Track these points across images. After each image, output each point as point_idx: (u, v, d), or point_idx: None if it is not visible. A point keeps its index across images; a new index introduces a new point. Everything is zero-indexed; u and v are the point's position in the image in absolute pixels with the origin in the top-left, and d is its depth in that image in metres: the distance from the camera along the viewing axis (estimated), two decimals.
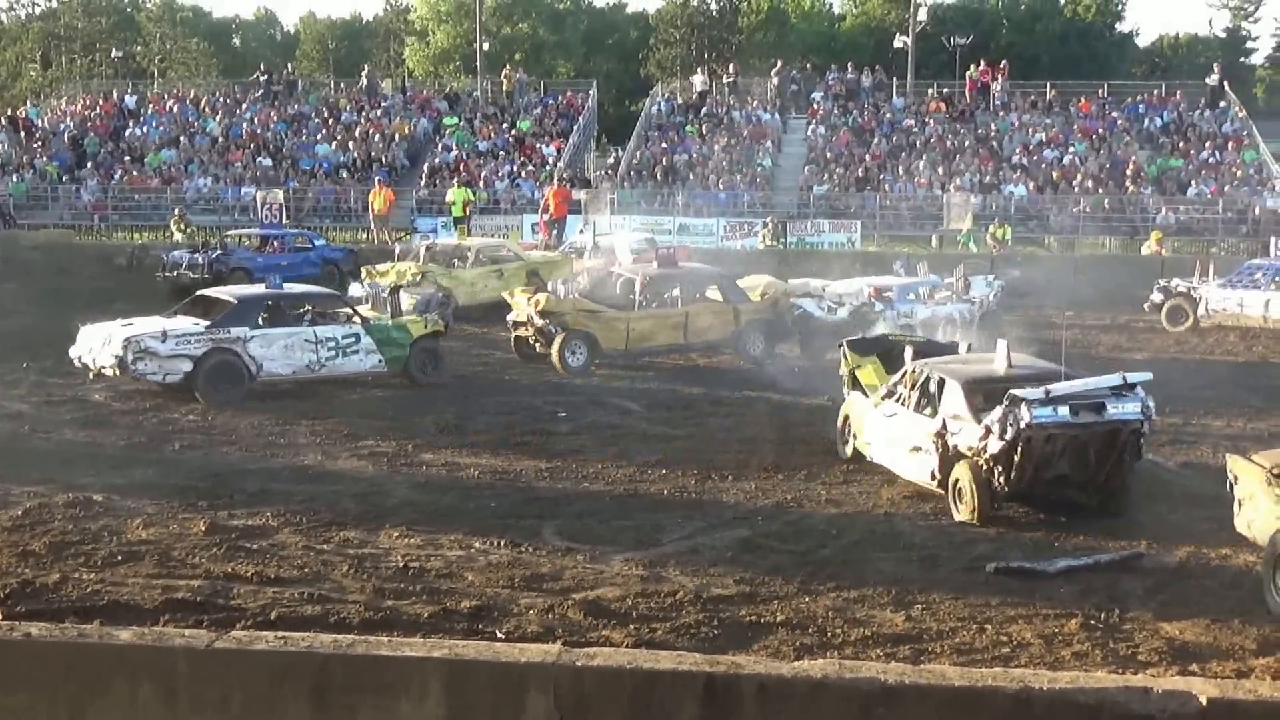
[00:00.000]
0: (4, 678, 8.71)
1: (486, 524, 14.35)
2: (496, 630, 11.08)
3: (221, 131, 52.80)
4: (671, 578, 12.61)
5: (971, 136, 49.41)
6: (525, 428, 19.26)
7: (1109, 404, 14.36)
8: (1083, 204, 44.11)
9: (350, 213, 46.17)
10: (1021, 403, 13.99)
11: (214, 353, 20.70)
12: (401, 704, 8.37)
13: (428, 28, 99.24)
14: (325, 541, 13.65)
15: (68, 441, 18.35)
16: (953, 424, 14.79)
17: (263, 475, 16.47)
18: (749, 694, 8.24)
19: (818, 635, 11.18)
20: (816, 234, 42.49)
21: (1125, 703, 7.95)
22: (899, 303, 26.20)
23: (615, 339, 24.18)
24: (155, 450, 17.89)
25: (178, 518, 14.42)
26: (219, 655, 8.69)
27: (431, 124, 53.63)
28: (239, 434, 18.86)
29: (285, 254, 34.65)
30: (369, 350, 21.93)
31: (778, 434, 18.92)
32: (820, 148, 49.51)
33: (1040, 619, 11.64)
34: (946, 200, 44.15)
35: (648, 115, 54.44)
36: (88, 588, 12.19)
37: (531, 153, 50.15)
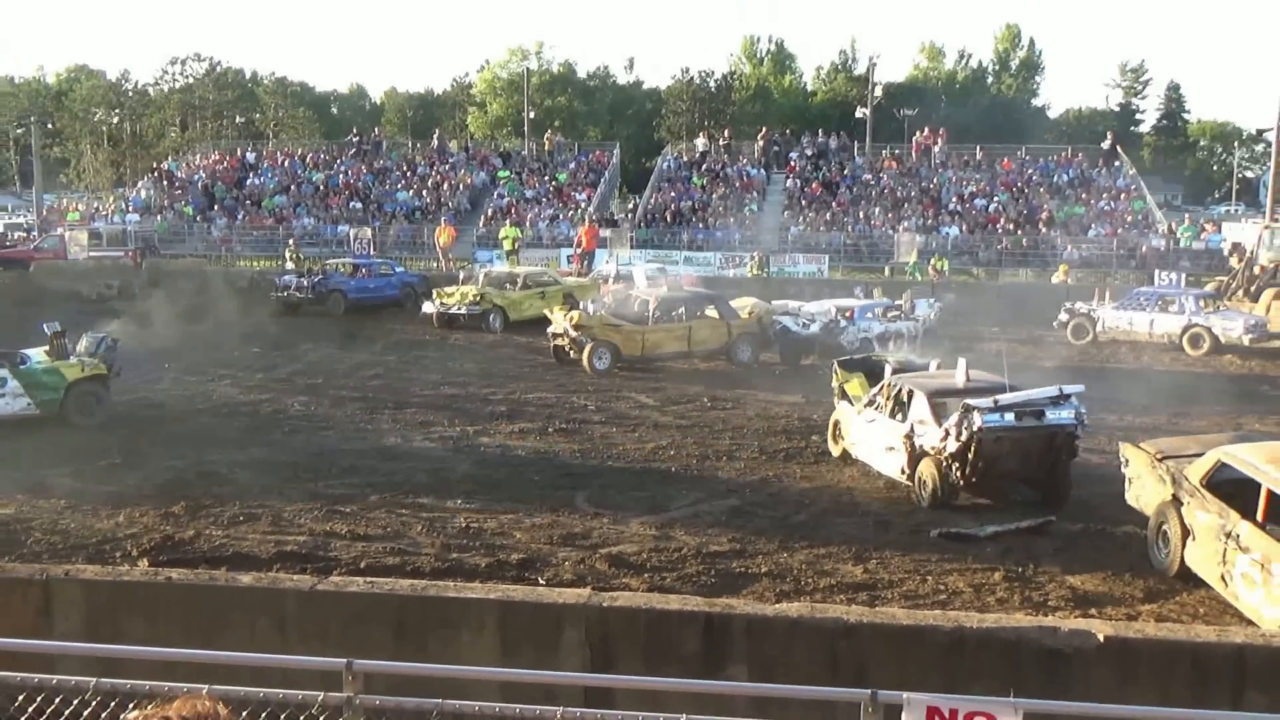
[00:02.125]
0: (151, 612, 8.75)
1: (531, 494, 14.39)
2: (539, 578, 11.10)
3: (322, 181, 52.86)
4: (678, 537, 12.63)
5: (916, 188, 49.29)
6: (562, 417, 19.28)
7: (1048, 411, 14.27)
8: (1004, 242, 44.03)
9: (423, 246, 46.14)
10: (974, 410, 13.94)
11: None
12: (463, 635, 8.38)
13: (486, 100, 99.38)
14: (403, 507, 13.70)
15: (200, 426, 18.42)
16: (919, 428, 14.70)
17: (353, 454, 16.52)
18: (739, 630, 8.24)
19: (793, 583, 11.19)
20: (793, 265, 42.42)
21: (1038, 639, 7.94)
22: (859, 320, 26.13)
23: (633, 347, 24.18)
24: (268, 434, 17.96)
25: (284, 488, 14.49)
26: (319, 596, 8.71)
27: (488, 176, 53.63)
28: (334, 421, 18.90)
29: (372, 278, 34.65)
30: (16, 394, 17.64)
31: (763, 424, 18.92)
32: (796, 196, 49.44)
33: (971, 572, 11.64)
34: (896, 238, 44.15)
35: (660, 170, 54.40)
36: (216, 542, 12.25)
37: (568, 199, 50.14)
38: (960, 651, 7.90)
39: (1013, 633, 8.00)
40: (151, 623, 8.51)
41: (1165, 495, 11.90)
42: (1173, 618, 10.43)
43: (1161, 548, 11.84)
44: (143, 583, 9.03)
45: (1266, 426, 17.71)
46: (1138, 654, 7.83)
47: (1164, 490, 11.96)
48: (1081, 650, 7.81)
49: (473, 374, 23.54)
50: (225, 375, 22.64)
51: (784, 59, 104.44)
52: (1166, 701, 7.22)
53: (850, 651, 8.03)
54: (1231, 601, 10.61)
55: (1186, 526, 11.40)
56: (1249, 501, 10.63)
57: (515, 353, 26.52)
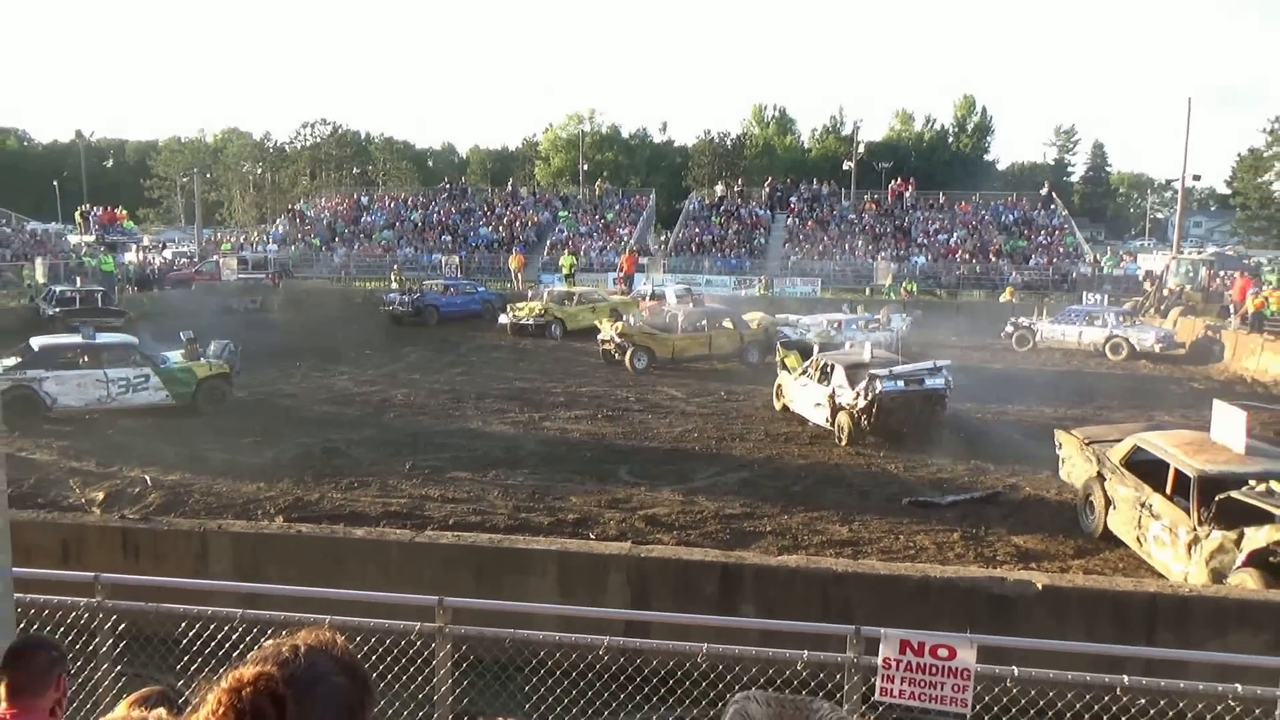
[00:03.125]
0: (284, 559, 8.81)
1: (584, 467, 14.38)
2: (590, 534, 11.09)
3: (420, 219, 53.13)
4: (700, 502, 12.58)
5: (891, 225, 48.92)
6: (608, 406, 19.26)
7: (927, 379, 16.38)
8: (962, 269, 43.60)
9: (500, 271, 46.27)
10: (877, 378, 16.00)
11: (14, 388, 16.83)
12: (530, 579, 8.38)
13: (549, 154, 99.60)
14: (483, 476, 13.72)
15: (323, 411, 18.53)
16: (839, 390, 16.56)
17: (444, 434, 16.56)
18: (749, 577, 8.20)
19: (792, 540, 11.12)
20: (792, 286, 42.13)
21: (989, 587, 7.86)
22: (846, 330, 26.11)
23: (665, 351, 24.17)
24: (377, 418, 18.03)
25: (390, 461, 14.55)
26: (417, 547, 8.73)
27: (551, 215, 53.72)
28: (429, 409, 18.95)
29: (459, 296, 34.76)
30: (156, 388, 17.74)
31: (768, 414, 18.83)
32: (795, 232, 49.21)
33: (935, 533, 11.52)
34: (875, 266, 43.77)
35: (686, 211, 54.27)
36: (336, 503, 12.30)
37: (613, 234, 50.13)
38: (925, 596, 7.83)
39: (968, 582, 7.92)
40: (284, 567, 8.57)
41: (1092, 472, 11.76)
42: (1098, 571, 10.29)
43: (1089, 515, 11.70)
44: (278, 535, 9.09)
45: (1174, 418, 17.44)
46: (1069, 600, 7.74)
47: (1091, 468, 11.83)
48: (1024, 596, 7.72)
49: (538, 372, 23.58)
50: (344, 372, 22.78)
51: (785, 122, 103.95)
52: (1093, 638, 7.13)
53: (838, 595, 7.98)
54: (1145, 559, 10.47)
55: (1109, 498, 11.26)
56: (1160, 478, 10.54)
57: (572, 355, 26.54)
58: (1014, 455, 15.51)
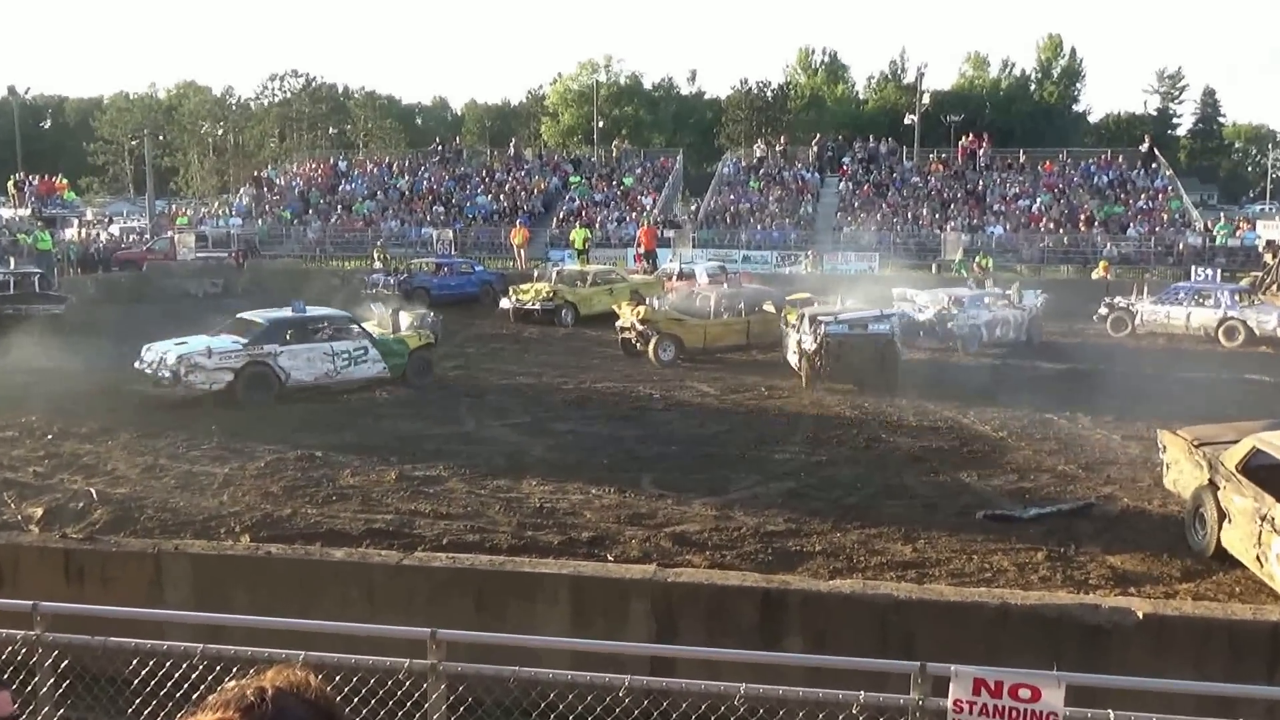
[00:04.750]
0: (251, 585, 8.88)
1: (600, 476, 14.40)
2: (608, 554, 11.11)
3: (407, 187, 53.29)
4: (737, 517, 12.58)
5: (962, 189, 48.70)
6: (628, 405, 19.28)
7: (870, 324, 20.94)
8: (1046, 240, 43.39)
9: (501, 247, 46.34)
10: (821, 323, 20.68)
11: (250, 365, 19.08)
12: (538, 607, 8.41)
13: (558, 110, 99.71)
14: (482, 488, 13.76)
15: (298, 412, 18.61)
16: (804, 338, 20.94)
17: (436, 439, 16.61)
18: (794, 604, 8.20)
19: (846, 561, 11.10)
20: (845, 262, 42.04)
21: (1080, 616, 7.82)
22: (969, 308, 26.04)
23: (695, 340, 24.15)
24: (358, 420, 18.11)
25: (375, 469, 14.61)
26: (405, 570, 8.79)
27: (560, 181, 53.75)
28: (420, 408, 19.02)
29: (453, 276, 34.88)
30: (375, 360, 20.19)
31: (817, 413, 18.78)
32: (848, 198, 49.07)
33: (1015, 551, 11.47)
34: (943, 237, 43.64)
35: (720, 174, 54.21)
36: (311, 519, 12.37)
37: (634, 202, 50.12)
38: (1004, 626, 7.80)
39: (1055, 609, 7.88)
40: (252, 594, 8.64)
41: (1202, 480, 11.66)
42: (1209, 596, 10.21)
43: (1198, 530, 11.61)
44: (245, 557, 9.16)
45: None
46: (1175, 630, 7.69)
47: (1201, 475, 11.72)
48: (1121, 626, 7.68)
49: (546, 364, 23.63)
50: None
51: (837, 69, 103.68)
52: (1202, 676, 7.07)
53: (899, 625, 7.96)
54: (1267, 581, 10.37)
55: (1223, 510, 11.16)
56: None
57: (585, 345, 26.57)
58: (1110, 458, 15.42)
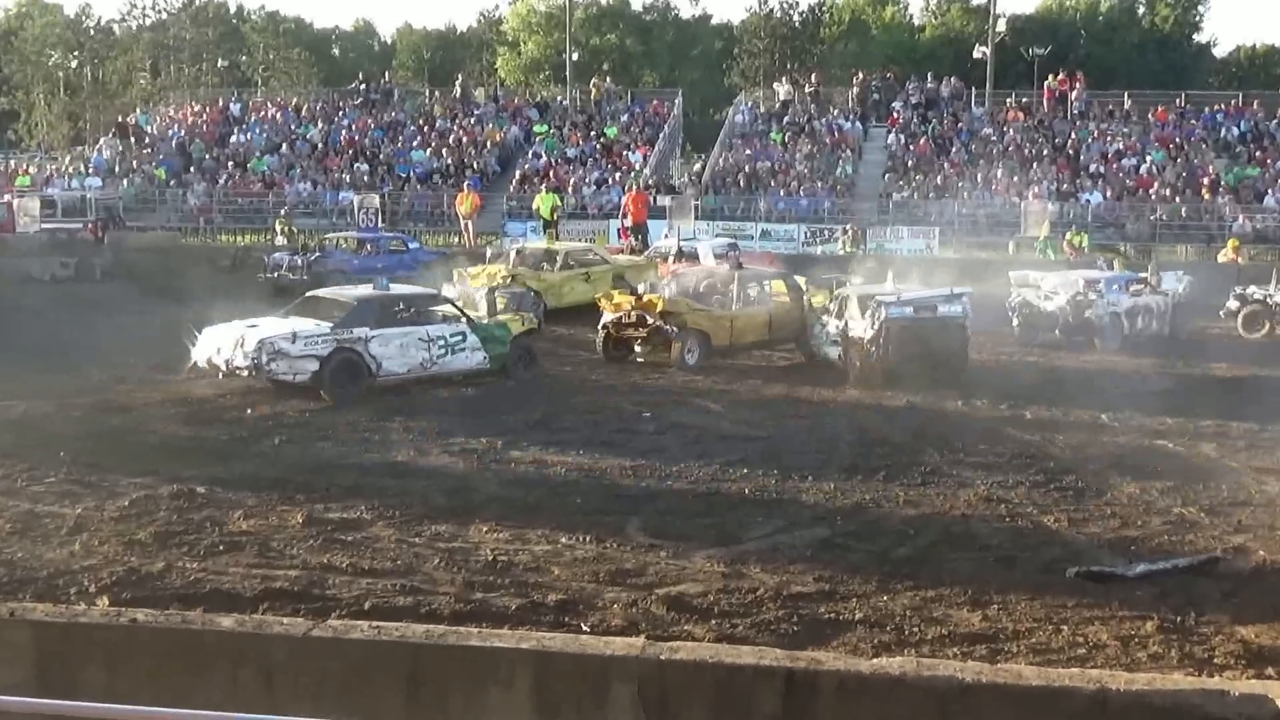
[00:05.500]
0: (111, 661, 8.82)
1: (572, 520, 14.32)
2: (582, 623, 11.08)
3: (321, 138, 53.34)
4: (752, 575, 12.55)
5: (1049, 145, 48.88)
6: (611, 426, 19.25)
7: (940, 305, 22.34)
8: (1159, 211, 43.54)
9: (444, 217, 46.40)
10: (883, 304, 21.86)
11: (338, 352, 20.72)
12: (490, 692, 8.39)
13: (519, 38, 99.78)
14: (417, 535, 13.70)
15: (173, 435, 18.53)
16: (851, 323, 22.39)
17: (357, 470, 16.55)
18: (828, 689, 8.18)
19: (895, 633, 11.08)
20: (895, 240, 42.19)
21: (1201, 705, 7.82)
22: (1107, 293, 27.00)
23: (723, 337, 24.38)
24: (255, 444, 18.03)
25: (276, 510, 14.53)
26: (315, 643, 8.75)
27: (522, 131, 53.85)
28: (335, 430, 18.96)
29: (381, 256, 34.86)
30: (475, 349, 22.12)
31: (857, 435, 18.77)
32: (900, 156, 49.22)
33: (1116, 621, 11.46)
34: (1024, 207, 43.79)
35: (731, 123, 54.36)
36: (190, 576, 12.31)
37: (618, 159, 50.20)
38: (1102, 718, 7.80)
39: (1169, 697, 7.89)
40: (111, 674, 8.58)
41: None
42: None
43: None
44: (103, 625, 9.11)
45: None
46: None
47: None
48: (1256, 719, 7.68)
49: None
50: (204, 374, 22.80)
51: None
52: None
53: (966, 717, 7.96)
54: None
55: None
56: None
57: (553, 347, 26.51)
58: (1241, 499, 15.42)
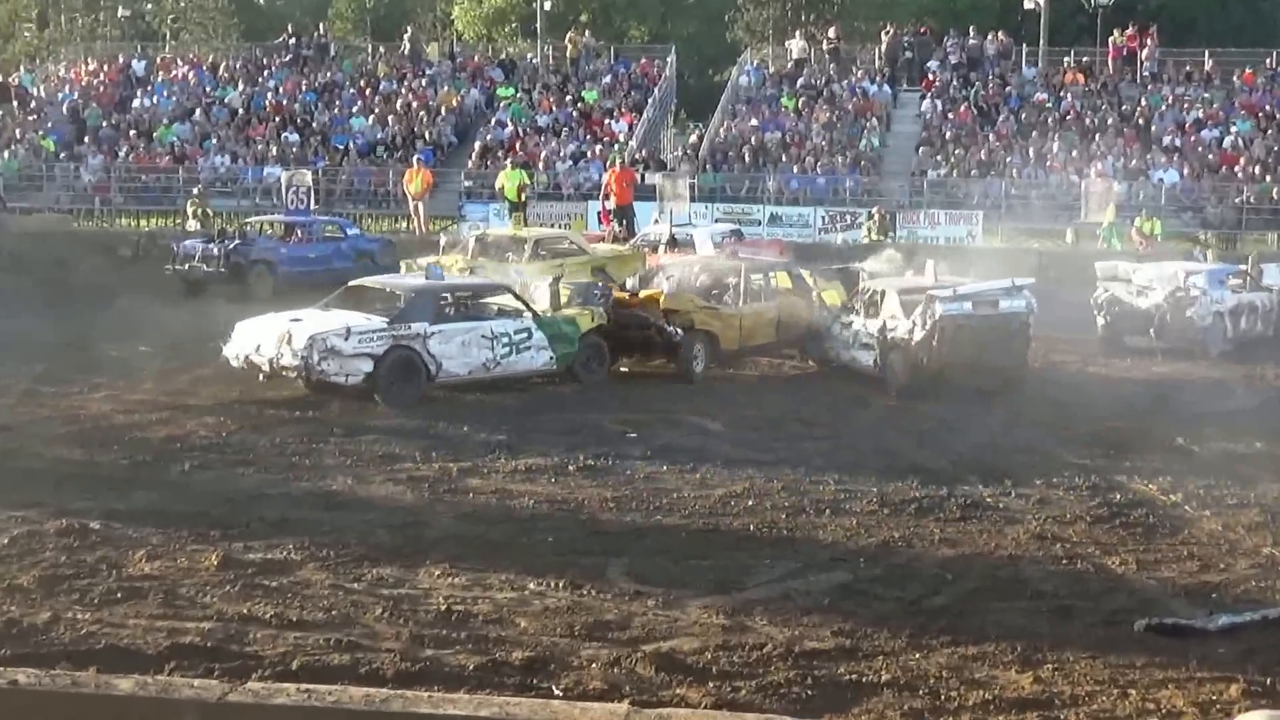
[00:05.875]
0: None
1: (543, 561, 14.31)
2: (554, 686, 11.06)
3: (242, 103, 53.21)
4: (758, 628, 12.54)
5: (1115, 113, 48.90)
6: (589, 450, 19.19)
7: (1002, 300, 22.51)
8: (1246, 193, 43.54)
9: (389, 197, 46.33)
10: (936, 300, 21.79)
11: (394, 350, 21.29)
12: None
13: None
14: (356, 580, 13.67)
15: (62, 460, 18.45)
16: (890, 323, 22.45)
17: (284, 501, 16.52)
18: None
19: (929, 698, 11.08)
20: (931, 226, 42.15)
21: None
22: (1210, 289, 27.30)
23: (732, 338, 24.64)
24: (162, 471, 17.97)
25: (186, 549, 14.46)
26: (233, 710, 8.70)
27: (483, 95, 53.76)
28: (257, 453, 18.92)
29: (313, 244, 34.79)
30: (540, 347, 22.74)
31: (885, 461, 18.77)
32: (936, 126, 49.22)
33: (1195, 683, 11.46)
34: (1085, 188, 43.59)
35: (734, 87, 54.34)
36: (83, 629, 12.26)
37: (599, 129, 50.16)
38: None
39: None
40: None
41: None
42: None
43: None
44: None
45: None
46: None
47: None
48: None
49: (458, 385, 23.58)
50: (99, 386, 22.74)
51: None
52: None
53: None
54: None
55: None
56: None
57: None
58: None
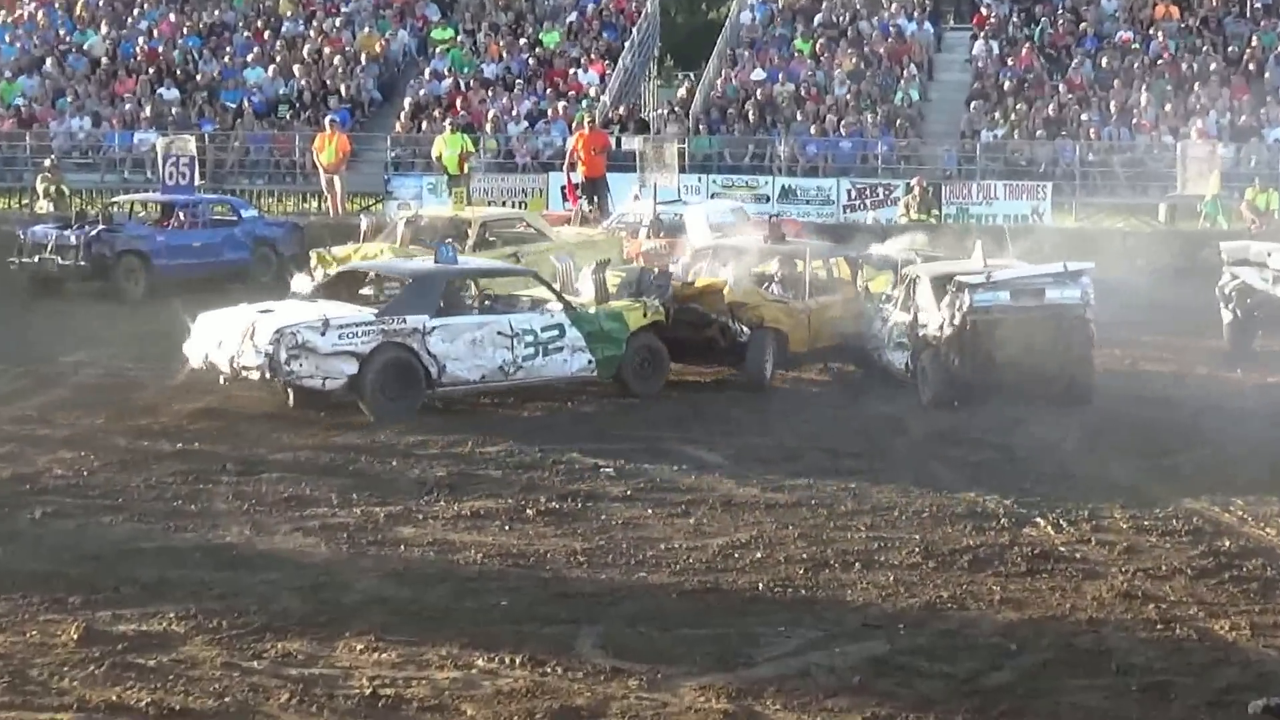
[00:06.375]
0: None
1: (495, 632, 14.31)
2: None
3: (106, 50, 53.14)
4: (770, 714, 12.55)
5: (1219, 56, 49.04)
6: (553, 488, 19.28)
7: (1048, 290, 22.65)
8: None
9: (295, 170, 46.33)
10: (965, 288, 21.77)
11: (384, 349, 21.58)
12: None
13: None
14: (256, 656, 13.63)
15: None
16: (922, 316, 22.74)
17: (163, 557, 16.47)
18: None
19: None
20: (986, 201, 42.14)
21: None
22: None
23: (801, 339, 25.44)
24: (6, 520, 17.95)
25: (39, 620, 14.43)
26: None
27: (415, 39, 53.80)
28: (129, 496, 18.88)
29: (198, 230, 34.78)
30: (575, 347, 23.10)
31: (932, 502, 18.78)
32: (991, 75, 49.32)
33: None
34: (1182, 151, 43.59)
35: (734, 26, 54.47)
36: None
37: (562, 81, 50.18)
38: None
39: None
40: None
41: None
42: None
43: None
44: None
45: None
46: None
47: None
48: None
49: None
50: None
51: None
52: None
53: None
54: None
55: None
56: None
57: None
58: None
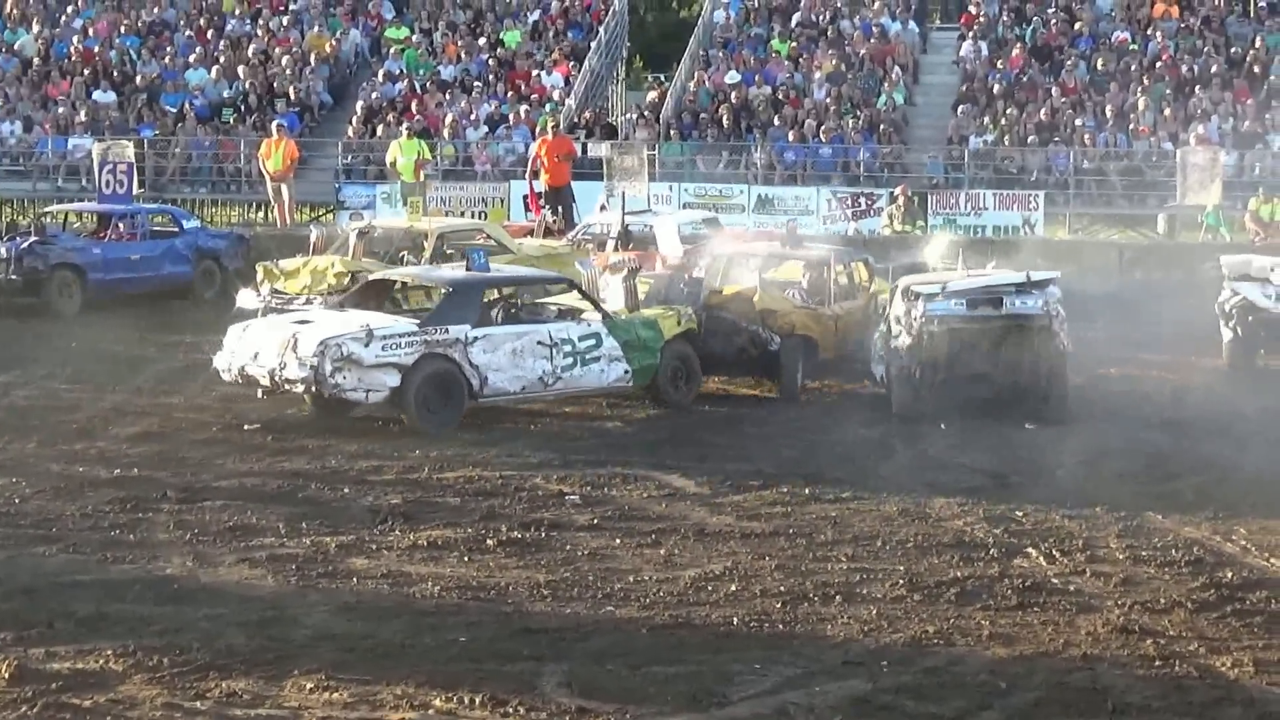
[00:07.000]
0: None
1: (453, 670, 14.29)
2: None
3: (38, 50, 53.06)
4: None
5: (1220, 58, 49.17)
6: (514, 516, 19.29)
7: (1006, 299, 23.29)
8: None
9: (241, 178, 46.27)
10: (919, 297, 22.83)
11: (427, 360, 22.11)
12: None
13: None
14: (199, 696, 13.60)
15: None
16: (894, 327, 23.42)
17: (100, 591, 16.45)
18: None
19: None
20: (975, 211, 42.17)
21: None
22: None
23: (829, 346, 26.40)
24: None
25: None
26: None
27: (367, 39, 53.77)
28: (63, 525, 18.85)
29: (137, 242, 34.71)
30: (612, 357, 23.81)
31: (917, 530, 18.80)
32: (980, 77, 49.44)
33: None
34: (1181, 158, 43.64)
35: (707, 25, 54.49)
36: None
37: (525, 84, 50.21)
38: None
39: None
40: None
41: None
42: None
43: None
44: None
45: None
46: None
47: None
48: None
49: (333, 429, 23.61)
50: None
51: None
52: None
53: None
54: None
55: None
56: None
57: None
58: None
